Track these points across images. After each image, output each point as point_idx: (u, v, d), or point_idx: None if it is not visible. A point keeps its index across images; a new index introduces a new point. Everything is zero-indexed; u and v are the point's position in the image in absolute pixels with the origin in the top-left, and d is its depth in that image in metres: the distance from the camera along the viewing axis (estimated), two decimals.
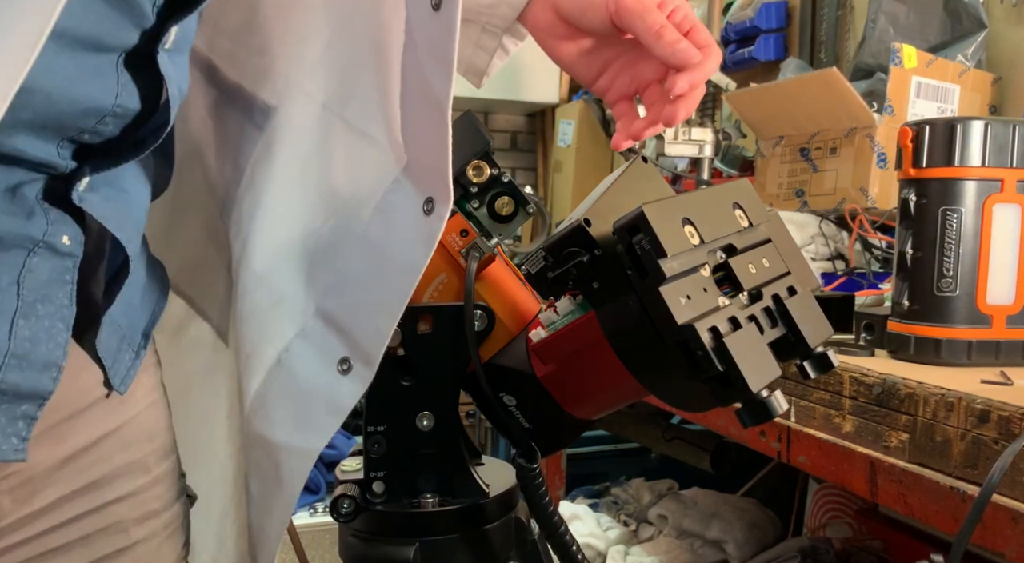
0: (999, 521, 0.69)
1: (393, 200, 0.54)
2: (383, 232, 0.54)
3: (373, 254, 0.54)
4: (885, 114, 1.48)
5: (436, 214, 0.50)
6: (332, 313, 0.56)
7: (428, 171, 0.52)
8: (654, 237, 0.42)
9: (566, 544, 0.51)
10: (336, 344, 0.54)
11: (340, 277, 0.56)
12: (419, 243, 0.50)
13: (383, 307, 0.52)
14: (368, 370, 0.52)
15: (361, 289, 0.54)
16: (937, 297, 0.90)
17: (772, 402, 0.43)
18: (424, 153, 0.52)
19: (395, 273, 0.52)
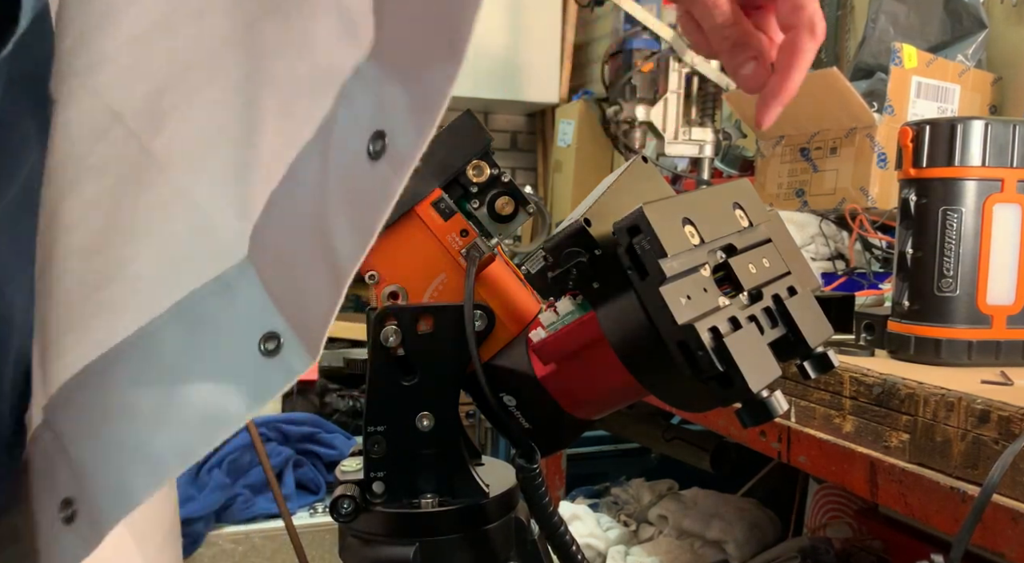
0: (999, 521, 0.68)
1: (207, 309, 0.43)
2: (182, 357, 0.43)
3: None
4: (885, 114, 1.48)
5: (279, 362, 0.42)
6: (60, 431, 0.44)
7: (285, 292, 0.42)
8: (654, 237, 0.42)
9: (566, 544, 0.51)
10: (63, 477, 0.44)
11: None
12: (240, 389, 0.42)
13: (134, 465, 0.42)
14: (92, 528, 0.43)
15: (113, 423, 0.43)
16: (937, 297, 0.90)
17: (772, 402, 0.43)
18: (286, 276, 0.42)
19: (181, 422, 0.42)
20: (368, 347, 0.51)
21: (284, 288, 0.42)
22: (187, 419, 0.42)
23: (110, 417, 0.42)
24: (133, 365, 0.42)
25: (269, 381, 0.42)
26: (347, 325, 2.53)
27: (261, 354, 0.42)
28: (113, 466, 0.42)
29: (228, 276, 0.43)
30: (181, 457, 0.42)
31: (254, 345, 0.42)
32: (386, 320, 0.50)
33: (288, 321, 0.42)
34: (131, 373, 0.42)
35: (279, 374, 0.42)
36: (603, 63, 2.21)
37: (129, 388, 0.42)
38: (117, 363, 0.42)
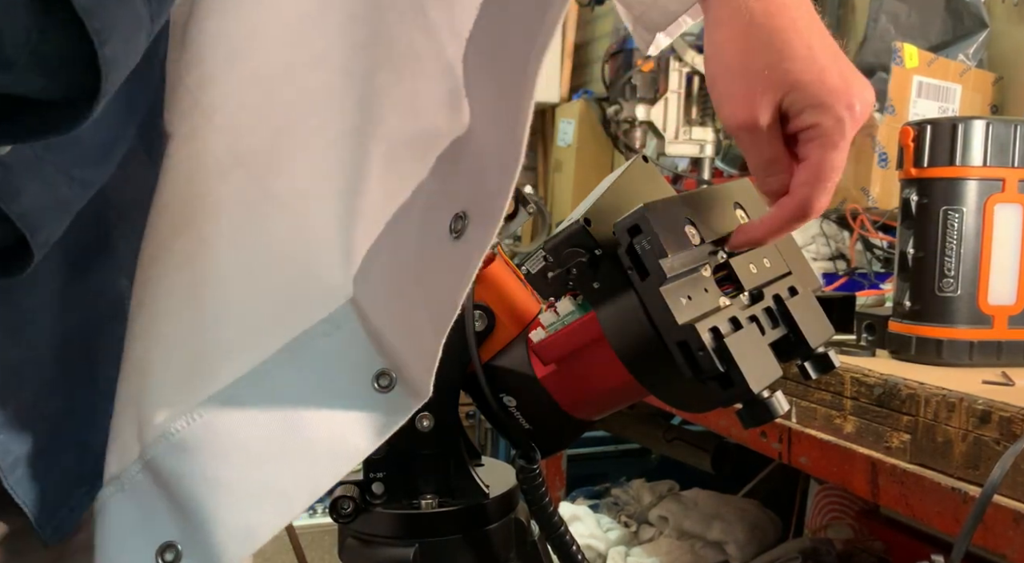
0: (1000, 522, 0.68)
1: (318, 349, 0.43)
2: (298, 393, 0.44)
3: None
4: (886, 114, 1.47)
5: (395, 399, 0.43)
6: (167, 473, 0.43)
7: (395, 334, 0.43)
8: (655, 237, 0.42)
9: (566, 545, 0.51)
10: (164, 521, 0.43)
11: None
12: (360, 424, 0.44)
13: (258, 501, 0.43)
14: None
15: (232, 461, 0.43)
16: (938, 297, 0.90)
17: (773, 403, 0.43)
18: (400, 313, 0.44)
19: (305, 458, 0.44)
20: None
21: (389, 333, 0.43)
22: (311, 453, 0.43)
23: (228, 457, 0.42)
24: (248, 405, 0.43)
25: (388, 414, 0.43)
26: None
27: (376, 390, 0.43)
28: (235, 505, 0.42)
29: (337, 317, 0.44)
30: (309, 491, 0.43)
31: (368, 381, 0.43)
32: None
33: (395, 362, 0.43)
34: (248, 413, 0.43)
35: (397, 408, 0.43)
36: (603, 62, 2.21)
37: (247, 428, 0.43)
38: (232, 404, 0.43)
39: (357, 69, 0.43)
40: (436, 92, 0.43)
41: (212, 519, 0.42)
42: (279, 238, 0.43)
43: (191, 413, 0.43)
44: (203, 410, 0.43)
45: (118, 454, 0.44)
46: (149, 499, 0.43)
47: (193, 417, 0.43)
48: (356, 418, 0.43)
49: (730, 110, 0.47)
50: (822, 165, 0.46)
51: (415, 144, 0.43)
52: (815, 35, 0.47)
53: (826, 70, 0.46)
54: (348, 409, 0.43)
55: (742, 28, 0.46)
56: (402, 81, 0.43)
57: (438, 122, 0.43)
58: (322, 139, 0.43)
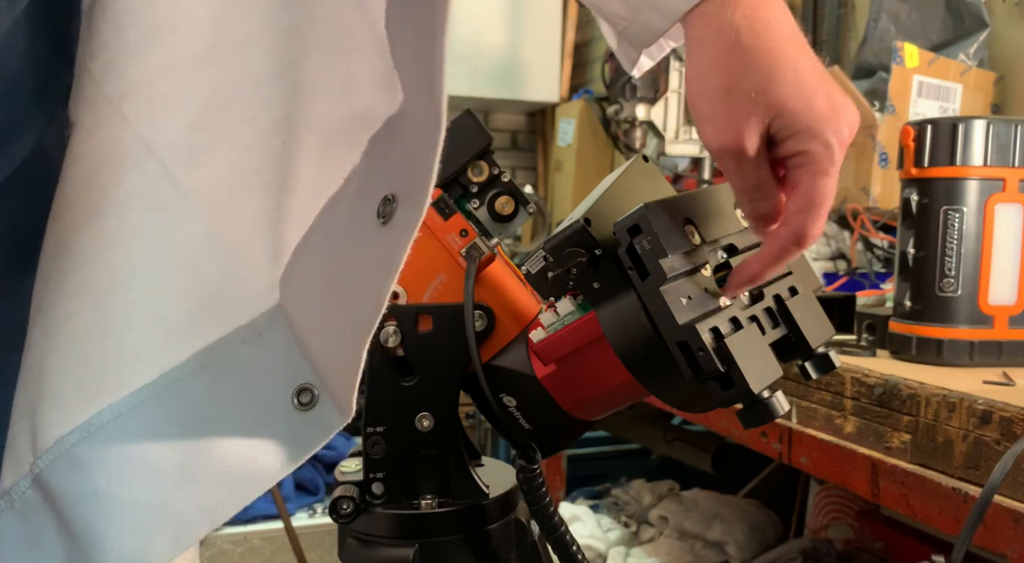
0: (1001, 522, 0.68)
1: (236, 358, 0.40)
2: (210, 407, 0.40)
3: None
4: (887, 113, 1.47)
5: (316, 417, 0.40)
6: (55, 491, 0.40)
7: (317, 345, 0.41)
8: (655, 237, 0.42)
9: (566, 545, 0.51)
10: (52, 544, 0.39)
11: None
12: (274, 446, 0.40)
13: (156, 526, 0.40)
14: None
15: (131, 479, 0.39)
16: (939, 297, 0.90)
17: (773, 403, 0.43)
18: (319, 323, 0.41)
19: (209, 480, 0.40)
20: (367, 347, 0.51)
21: (313, 341, 0.40)
22: (215, 476, 0.39)
23: (125, 475, 0.39)
24: (153, 417, 0.39)
25: (306, 436, 0.40)
26: None
27: (295, 407, 0.40)
28: (127, 528, 0.39)
29: (260, 323, 0.40)
30: (208, 518, 0.39)
31: (287, 398, 0.40)
32: (386, 320, 0.50)
33: (319, 375, 0.40)
34: (150, 426, 0.39)
35: (316, 430, 0.40)
36: (603, 62, 2.21)
37: (147, 442, 0.39)
38: (134, 415, 0.39)
39: (287, 52, 0.40)
40: (372, 70, 0.40)
41: (100, 544, 0.39)
42: (195, 236, 0.40)
43: (89, 424, 0.39)
44: (102, 421, 0.39)
45: (12, 467, 0.40)
46: (37, 518, 0.39)
47: (90, 429, 0.39)
48: (271, 439, 0.40)
49: (713, 133, 0.45)
50: (814, 193, 0.44)
51: (349, 128, 0.40)
52: (802, 56, 0.44)
53: (814, 94, 0.44)
54: (263, 428, 0.40)
55: (727, 47, 0.44)
56: (335, 62, 0.40)
57: (374, 102, 0.40)
58: (250, 129, 0.40)
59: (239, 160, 0.40)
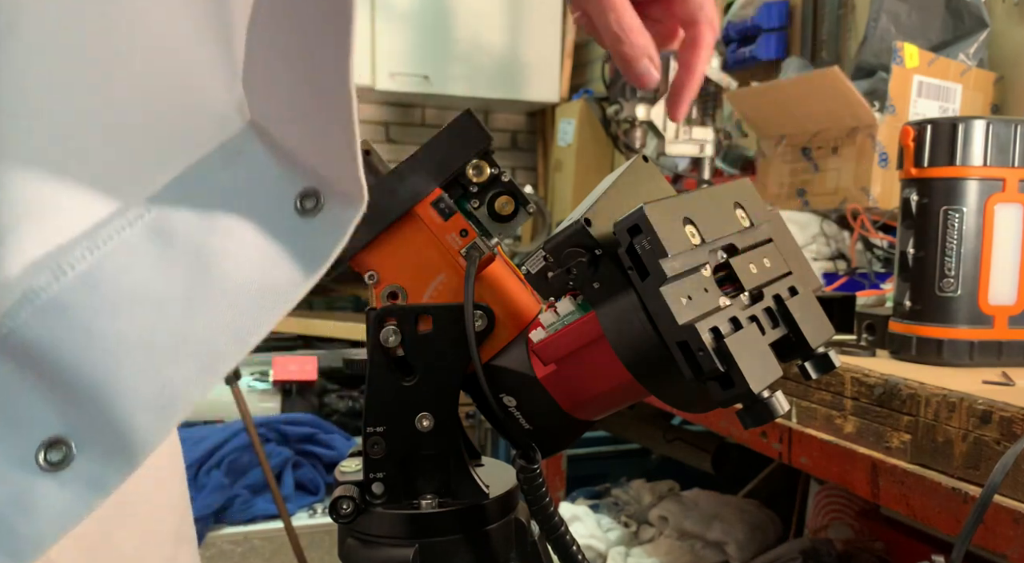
0: (1001, 522, 0.68)
1: (219, 180, 0.36)
2: (199, 227, 0.35)
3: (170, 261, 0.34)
4: (887, 113, 1.47)
5: (327, 217, 0.36)
6: (36, 345, 0.33)
7: (306, 148, 0.36)
8: (655, 237, 0.42)
9: (567, 545, 0.51)
10: (40, 411, 0.32)
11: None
12: (289, 257, 0.36)
13: (175, 358, 0.33)
14: (109, 467, 0.33)
15: (129, 314, 0.33)
16: (939, 297, 0.90)
17: (773, 403, 0.43)
18: (298, 121, 0.37)
19: (228, 300, 0.34)
20: (367, 347, 0.51)
21: (299, 143, 0.36)
22: (231, 297, 0.35)
23: (125, 309, 0.33)
24: (138, 248, 0.34)
25: (321, 239, 0.36)
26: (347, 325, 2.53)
27: (299, 214, 0.36)
28: (144, 364, 0.33)
29: (234, 144, 0.36)
30: (237, 339, 0.34)
31: (289, 207, 0.36)
32: (385, 320, 0.50)
33: (317, 175, 0.36)
34: (139, 257, 0.34)
35: (330, 229, 0.36)
36: (603, 62, 2.21)
37: (142, 274, 0.34)
38: (118, 246, 0.34)
39: None
40: None
41: (112, 387, 0.33)
42: (134, 55, 0.34)
43: (58, 265, 0.33)
44: (77, 260, 0.33)
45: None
46: (7, 389, 0.33)
47: (63, 267, 0.33)
48: (282, 251, 0.35)
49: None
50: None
51: None
52: None
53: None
54: (270, 242, 0.35)
55: None
56: None
57: None
58: None
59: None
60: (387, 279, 0.51)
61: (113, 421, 0.33)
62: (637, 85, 0.55)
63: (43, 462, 0.33)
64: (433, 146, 0.50)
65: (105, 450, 0.33)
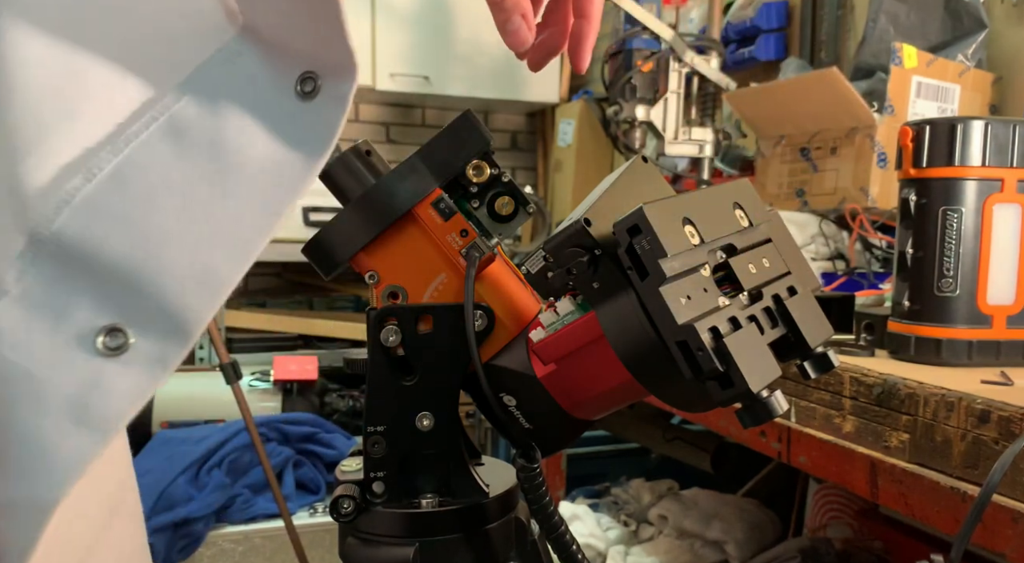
0: (999, 521, 0.68)
1: (222, 77, 0.38)
2: (210, 121, 0.37)
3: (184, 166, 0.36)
4: (885, 114, 1.48)
5: (327, 96, 0.38)
6: (78, 245, 0.35)
7: (298, 38, 0.38)
8: (654, 237, 0.42)
9: (566, 544, 0.51)
10: (91, 305, 0.35)
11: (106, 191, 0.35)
12: (298, 138, 0.38)
13: (212, 239, 0.36)
14: (168, 344, 0.36)
15: (162, 204, 0.36)
16: (937, 297, 0.90)
17: (772, 402, 0.43)
18: (286, 9, 0.38)
19: (249, 183, 0.37)
20: (368, 347, 0.51)
21: (291, 34, 0.38)
22: (250, 182, 0.37)
23: (157, 199, 0.36)
24: (156, 146, 0.36)
25: (325, 117, 0.38)
26: (347, 325, 2.53)
27: (299, 97, 0.38)
28: (182, 247, 0.36)
29: (232, 47, 0.38)
30: (264, 224, 0.37)
31: (289, 93, 0.38)
32: (386, 320, 0.50)
33: (313, 60, 0.38)
34: (158, 152, 0.36)
35: (331, 106, 0.38)
36: (603, 63, 2.21)
37: (166, 167, 0.36)
38: (141, 145, 0.36)
39: None
40: None
41: (159, 274, 0.35)
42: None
43: (87, 168, 0.35)
44: (104, 161, 0.36)
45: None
46: (54, 289, 0.35)
47: (92, 170, 0.35)
48: (289, 134, 0.38)
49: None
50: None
51: None
52: None
53: None
54: (277, 128, 0.38)
55: None
56: None
57: None
58: None
59: None
60: (387, 279, 0.52)
61: (164, 304, 0.36)
62: (509, 45, 0.51)
63: (103, 348, 0.35)
64: (433, 146, 0.51)
65: (161, 331, 0.36)
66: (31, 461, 0.35)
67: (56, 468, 0.35)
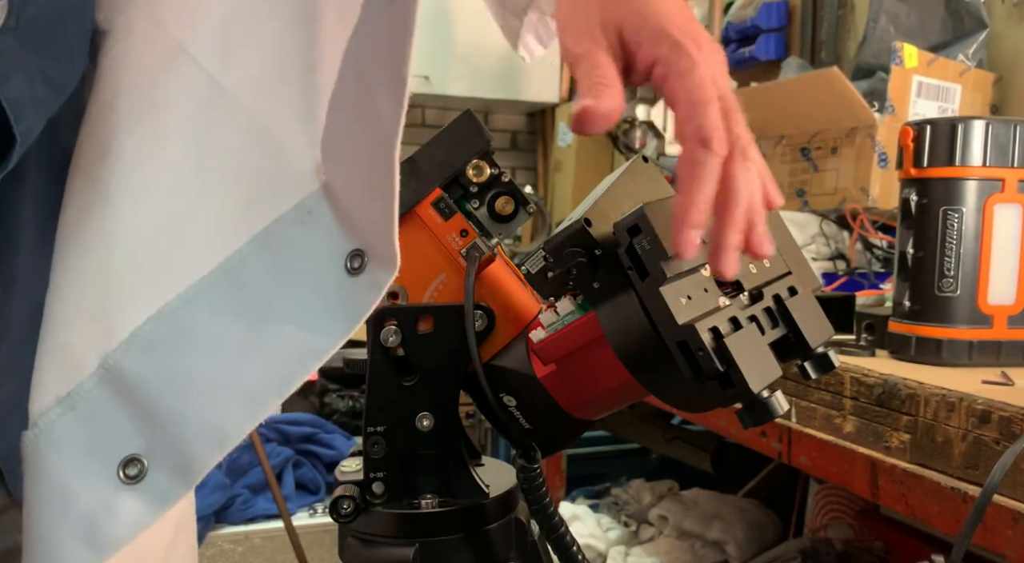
0: (1000, 521, 0.68)
1: (291, 236, 0.42)
2: (267, 285, 0.41)
3: (236, 309, 0.41)
4: (886, 114, 1.48)
5: (368, 278, 0.41)
6: (131, 377, 0.40)
7: (358, 211, 0.42)
8: (655, 237, 0.42)
9: (566, 545, 0.51)
10: (127, 432, 0.40)
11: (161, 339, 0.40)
12: (331, 312, 0.41)
13: (230, 398, 0.40)
14: (173, 483, 0.40)
15: (201, 357, 0.40)
16: (938, 297, 0.90)
17: (773, 402, 0.43)
18: (356, 186, 0.42)
19: (274, 352, 0.41)
20: (368, 347, 0.51)
21: (355, 207, 0.42)
22: (281, 347, 0.41)
23: (196, 353, 0.40)
24: (217, 298, 0.41)
25: (361, 299, 0.41)
26: None
27: (348, 273, 0.42)
28: (203, 403, 0.40)
29: (308, 203, 0.42)
30: (278, 386, 0.41)
31: (340, 266, 0.42)
32: (386, 320, 0.50)
33: (364, 238, 0.42)
34: (216, 308, 0.41)
35: (368, 290, 0.41)
36: None
37: (214, 324, 0.41)
38: (200, 299, 0.41)
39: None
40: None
41: (180, 420, 0.40)
42: (238, 130, 0.41)
43: (159, 314, 0.40)
44: (171, 309, 0.40)
45: (61, 375, 0.40)
46: (106, 413, 0.40)
47: (161, 316, 0.40)
48: (329, 306, 0.41)
49: (571, 41, 0.47)
50: (686, 93, 0.43)
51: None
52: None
53: (671, 13, 0.45)
54: (320, 297, 0.41)
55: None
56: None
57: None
58: (274, 22, 0.42)
59: (269, 51, 0.42)
60: None
61: (179, 445, 0.40)
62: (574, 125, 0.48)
63: (123, 476, 0.40)
64: (433, 146, 0.51)
65: (171, 469, 0.40)
66: (38, 561, 0.39)
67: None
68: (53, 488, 0.39)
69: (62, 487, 0.39)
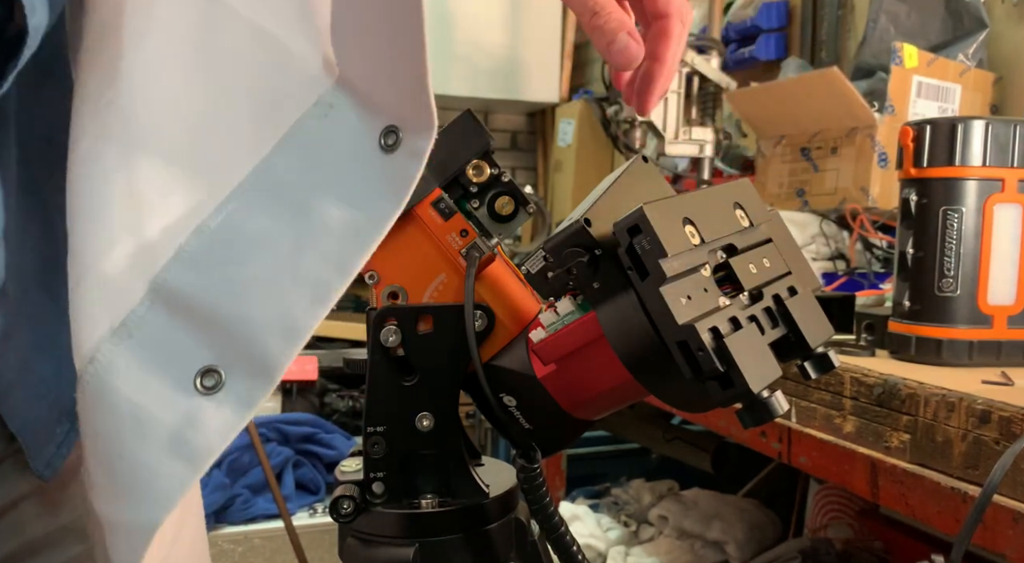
0: (1000, 521, 0.68)
1: (317, 131, 0.42)
2: (302, 178, 0.42)
3: (277, 208, 0.41)
4: (886, 114, 1.48)
5: (405, 150, 0.41)
6: (185, 294, 0.40)
7: (384, 91, 0.42)
8: (655, 237, 0.42)
9: (567, 545, 0.51)
10: (193, 347, 0.40)
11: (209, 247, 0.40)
12: (374, 190, 0.41)
13: (292, 292, 0.40)
14: (254, 385, 0.40)
15: (253, 259, 0.40)
16: (938, 297, 0.90)
17: (773, 403, 0.43)
18: (377, 67, 0.42)
19: (326, 239, 0.41)
20: (368, 347, 0.51)
21: (380, 88, 0.42)
22: (331, 233, 0.41)
23: (249, 255, 0.40)
24: (257, 201, 0.41)
25: (402, 172, 0.41)
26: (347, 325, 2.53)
27: (383, 150, 0.41)
28: (268, 299, 0.40)
29: (326, 98, 0.42)
30: (339, 272, 0.41)
31: (375, 145, 0.41)
32: (386, 320, 0.50)
33: (396, 113, 0.41)
34: (257, 209, 0.41)
35: (407, 161, 0.41)
36: (603, 62, 2.21)
37: (259, 223, 0.40)
38: (239, 205, 0.41)
39: None
40: None
41: (246, 324, 0.40)
42: (243, 38, 0.41)
43: (200, 228, 0.40)
44: (211, 221, 0.41)
45: (107, 311, 0.40)
46: (167, 332, 0.40)
47: (202, 231, 0.40)
48: (370, 186, 0.41)
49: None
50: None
51: None
52: None
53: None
54: (358, 180, 0.41)
55: None
56: None
57: None
58: None
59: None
60: (387, 279, 0.52)
61: (252, 348, 0.40)
62: (616, 63, 0.51)
63: (200, 387, 0.40)
64: (433, 146, 0.51)
65: (248, 373, 0.40)
66: (136, 488, 0.39)
67: (157, 496, 0.39)
68: (131, 414, 0.39)
69: (140, 409, 0.39)
